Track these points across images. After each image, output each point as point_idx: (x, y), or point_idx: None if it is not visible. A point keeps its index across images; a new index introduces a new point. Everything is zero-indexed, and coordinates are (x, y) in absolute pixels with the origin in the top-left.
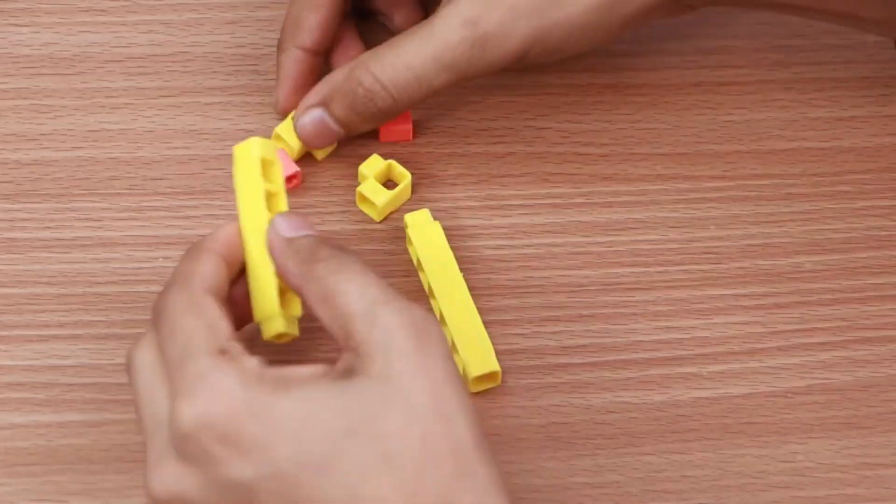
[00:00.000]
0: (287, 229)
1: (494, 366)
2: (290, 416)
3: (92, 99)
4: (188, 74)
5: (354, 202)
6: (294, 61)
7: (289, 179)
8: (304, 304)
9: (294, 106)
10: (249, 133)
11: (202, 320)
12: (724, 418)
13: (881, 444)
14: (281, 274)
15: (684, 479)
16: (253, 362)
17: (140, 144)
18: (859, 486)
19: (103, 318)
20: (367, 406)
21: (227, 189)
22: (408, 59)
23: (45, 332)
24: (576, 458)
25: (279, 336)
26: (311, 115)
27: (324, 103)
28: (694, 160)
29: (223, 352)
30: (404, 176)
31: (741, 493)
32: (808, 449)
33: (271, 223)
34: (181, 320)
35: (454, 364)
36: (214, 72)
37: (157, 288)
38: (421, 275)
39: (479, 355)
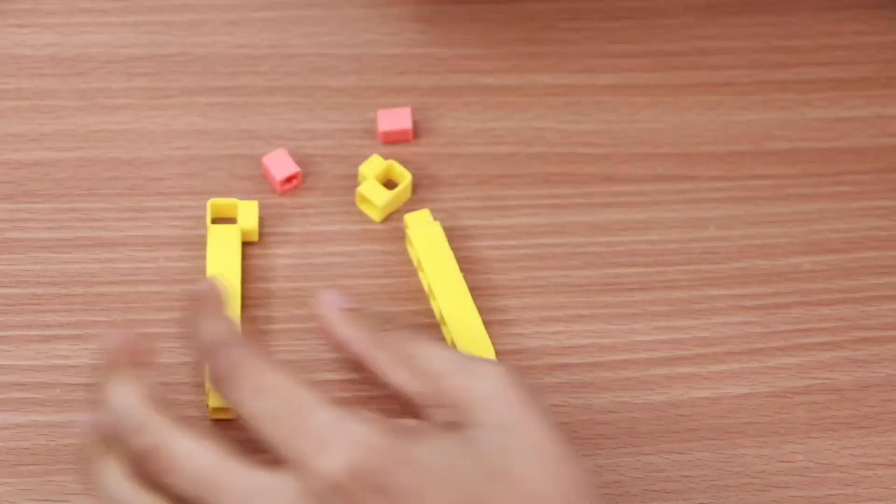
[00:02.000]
0: (340, 301)
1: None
2: (434, 463)
3: (93, 99)
4: (189, 75)
5: (354, 202)
6: None
7: (289, 179)
8: (368, 371)
9: None
10: (249, 133)
11: (294, 377)
12: (724, 418)
13: (881, 444)
14: (341, 342)
15: (684, 479)
16: (370, 413)
17: (141, 145)
18: (859, 486)
19: (104, 319)
20: (496, 453)
21: (227, 189)
22: None
23: (47, 332)
24: None
25: (223, 411)
26: None
27: None
28: (694, 160)
29: (338, 404)
30: (404, 176)
31: (741, 493)
32: (808, 449)
33: (320, 299)
34: (270, 378)
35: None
36: (215, 72)
37: (158, 288)
38: (421, 275)
39: (478, 355)
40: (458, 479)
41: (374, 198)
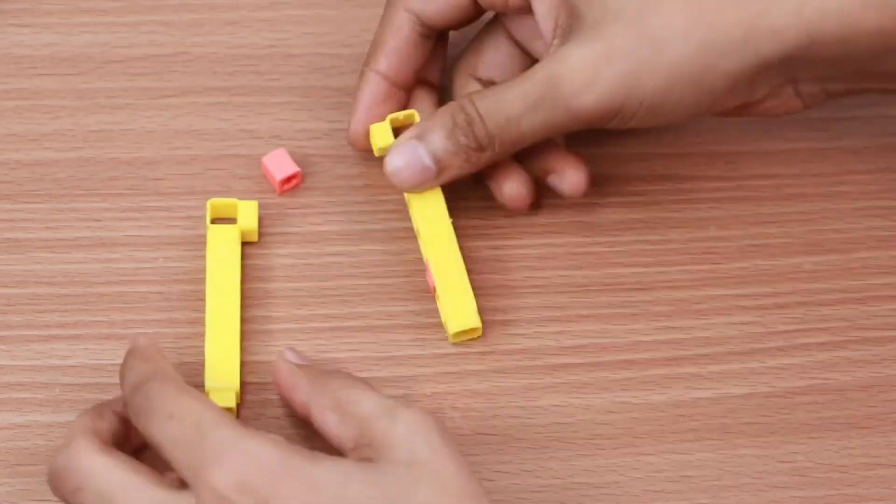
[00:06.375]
0: (295, 358)
1: (475, 322)
2: (329, 483)
3: (93, 99)
4: (188, 75)
5: (354, 202)
6: (368, 83)
7: (289, 179)
8: (310, 417)
9: (365, 131)
10: (249, 133)
11: (204, 402)
12: (724, 418)
13: (881, 444)
14: (287, 392)
15: (684, 479)
16: (277, 437)
17: (140, 144)
18: (859, 486)
19: (104, 319)
20: (399, 483)
21: (227, 189)
22: (500, 96)
23: (46, 332)
24: (576, 458)
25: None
26: (404, 147)
27: (419, 136)
28: (694, 160)
29: (243, 425)
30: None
31: (741, 493)
32: (808, 449)
33: (280, 353)
34: (180, 404)
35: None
36: (214, 72)
37: (158, 288)
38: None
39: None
40: (353, 500)
41: (382, 140)
